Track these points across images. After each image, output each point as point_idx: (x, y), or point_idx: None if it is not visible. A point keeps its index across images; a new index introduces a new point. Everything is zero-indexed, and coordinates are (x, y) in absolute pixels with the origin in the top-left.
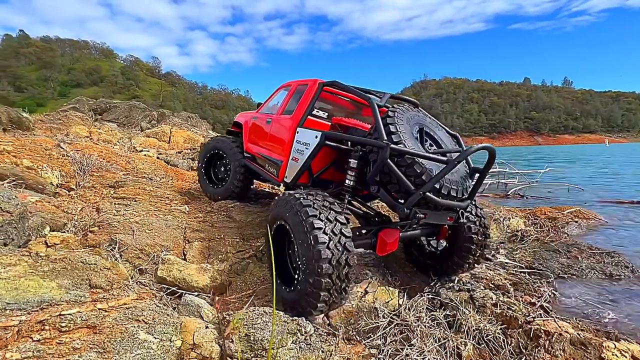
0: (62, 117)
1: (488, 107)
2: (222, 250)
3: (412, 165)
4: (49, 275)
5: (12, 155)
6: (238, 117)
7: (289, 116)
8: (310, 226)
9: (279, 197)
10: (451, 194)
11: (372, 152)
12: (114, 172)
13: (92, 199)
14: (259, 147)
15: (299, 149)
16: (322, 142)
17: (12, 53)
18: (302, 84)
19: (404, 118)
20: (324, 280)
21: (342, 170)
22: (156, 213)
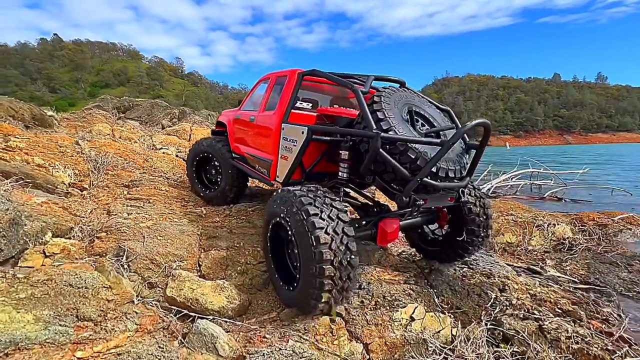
0: (87, 115)
1: (514, 104)
2: (241, 260)
3: (406, 152)
4: (25, 305)
5: (23, 153)
6: (221, 116)
7: (272, 112)
8: (311, 226)
9: (277, 194)
10: (449, 175)
11: (363, 142)
12: (130, 170)
13: (105, 199)
14: (246, 147)
15: (287, 147)
16: (310, 137)
17: (47, 56)
18: (280, 75)
19: (391, 101)
20: (325, 282)
21: (335, 161)
22: (170, 216)
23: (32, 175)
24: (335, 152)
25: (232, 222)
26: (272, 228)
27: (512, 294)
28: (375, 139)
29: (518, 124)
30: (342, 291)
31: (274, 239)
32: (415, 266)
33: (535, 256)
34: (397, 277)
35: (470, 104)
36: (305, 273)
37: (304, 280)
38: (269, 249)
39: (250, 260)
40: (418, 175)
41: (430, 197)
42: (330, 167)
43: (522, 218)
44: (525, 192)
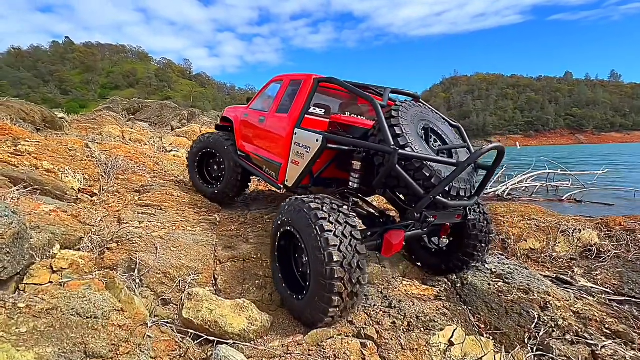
0: (97, 117)
1: (524, 103)
2: (259, 273)
3: (421, 169)
4: (26, 340)
5: (32, 157)
6: (226, 111)
7: (284, 114)
8: (320, 229)
9: (286, 203)
10: (460, 194)
11: (377, 155)
12: (140, 174)
13: (115, 205)
14: (254, 147)
15: (299, 152)
16: (324, 146)
17: (59, 58)
18: (295, 79)
19: (408, 117)
20: (335, 283)
21: (343, 168)
22: (183, 224)
23: (40, 181)
24: (345, 160)
25: (248, 230)
26: (281, 235)
27: (556, 313)
28: (393, 155)
29: (528, 124)
30: (352, 295)
31: (282, 247)
32: (444, 278)
33: (561, 264)
34: (426, 291)
35: (479, 103)
36: (314, 287)
37: (312, 293)
38: (276, 257)
39: (268, 273)
40: (431, 193)
41: (439, 214)
42: (338, 174)
43: (545, 223)
44: (542, 194)
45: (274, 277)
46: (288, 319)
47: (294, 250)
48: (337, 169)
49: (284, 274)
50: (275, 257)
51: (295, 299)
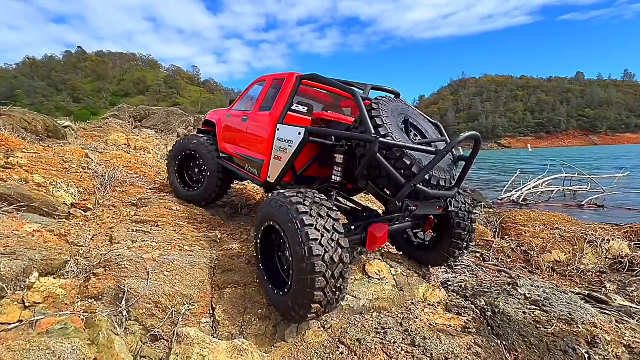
0: (103, 125)
1: (535, 105)
2: (262, 301)
3: (402, 158)
4: None
5: (23, 170)
6: (209, 115)
7: (267, 112)
8: (300, 223)
9: (268, 198)
10: (440, 184)
11: (359, 147)
12: (139, 186)
13: (109, 221)
14: (236, 147)
15: (281, 147)
16: (307, 139)
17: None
18: (278, 78)
19: (389, 109)
20: (317, 278)
21: (326, 165)
22: (180, 243)
23: (29, 196)
24: (327, 157)
25: (251, 249)
26: (264, 230)
27: (607, 349)
28: (374, 143)
29: (539, 125)
30: (335, 290)
31: (265, 241)
32: (471, 304)
33: (590, 278)
34: (452, 321)
35: (489, 105)
36: (296, 282)
37: (294, 289)
38: (259, 250)
39: None
40: (412, 181)
41: (420, 205)
42: (321, 172)
43: (569, 232)
44: (559, 199)
45: (259, 273)
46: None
47: (277, 247)
48: (319, 167)
49: (268, 271)
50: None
51: (280, 295)
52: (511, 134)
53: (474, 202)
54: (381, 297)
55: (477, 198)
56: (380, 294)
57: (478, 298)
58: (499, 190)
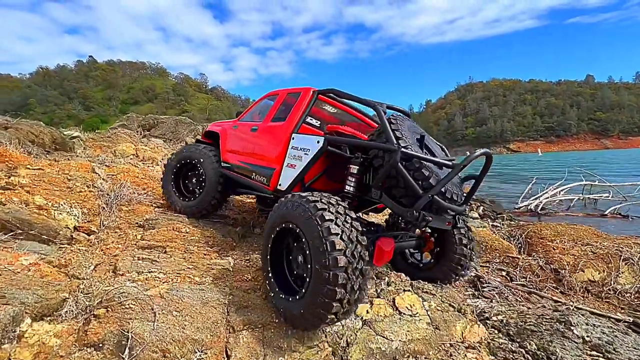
0: (112, 135)
1: (544, 108)
2: (283, 345)
3: (420, 169)
4: None
5: (24, 191)
6: (211, 126)
7: (280, 123)
8: (326, 231)
9: (287, 198)
10: (453, 198)
11: (378, 157)
12: (147, 204)
13: (113, 247)
14: (242, 156)
15: (296, 155)
16: (325, 147)
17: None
18: (292, 92)
19: (405, 126)
20: (338, 290)
21: (334, 179)
22: (190, 274)
23: (28, 221)
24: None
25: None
26: (277, 234)
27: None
28: (396, 152)
29: (549, 129)
30: (351, 302)
31: (275, 247)
32: (519, 347)
33: (630, 300)
34: None
35: (496, 109)
36: (316, 281)
37: (313, 288)
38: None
39: (295, 343)
40: (431, 191)
41: (433, 217)
42: (329, 185)
43: (602, 248)
44: (579, 208)
45: (266, 279)
46: None
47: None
48: (327, 180)
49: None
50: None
51: (290, 301)
52: (520, 138)
53: (493, 213)
54: (416, 338)
55: (497, 210)
56: (414, 334)
57: (527, 340)
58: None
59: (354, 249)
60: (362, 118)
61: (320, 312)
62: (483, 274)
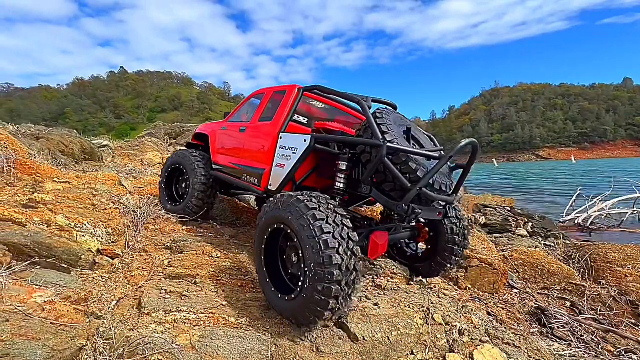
0: (139, 144)
1: (576, 113)
2: None
3: (407, 163)
4: None
5: (48, 209)
6: (200, 128)
7: (268, 122)
8: (319, 230)
9: (277, 198)
10: (442, 189)
11: (365, 153)
12: (174, 222)
13: (139, 275)
14: (232, 157)
15: (284, 155)
16: (312, 146)
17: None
18: (278, 90)
19: (391, 119)
20: (333, 287)
21: (324, 176)
22: (225, 312)
23: (48, 245)
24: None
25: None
26: (270, 233)
27: None
28: (382, 147)
29: (582, 135)
30: (347, 298)
31: (269, 246)
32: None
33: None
34: None
35: (524, 115)
36: (312, 279)
37: (310, 287)
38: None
39: None
40: (419, 184)
41: (423, 209)
42: (320, 182)
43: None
44: (632, 223)
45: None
46: None
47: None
48: (318, 177)
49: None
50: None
51: (286, 300)
52: (550, 144)
53: (543, 230)
54: None
55: (548, 227)
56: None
57: None
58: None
59: (347, 246)
60: (351, 113)
61: (317, 309)
62: (545, 305)
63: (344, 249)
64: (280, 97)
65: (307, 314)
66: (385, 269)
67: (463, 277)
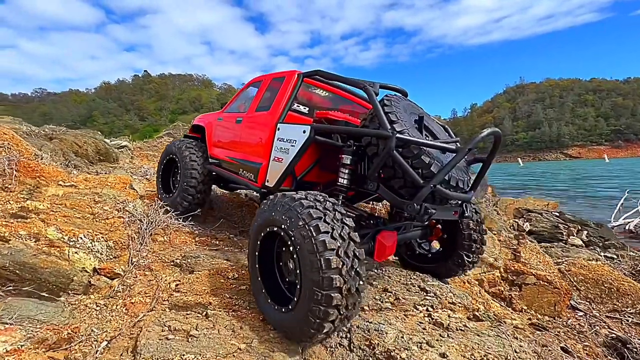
0: (158, 144)
1: (609, 109)
2: None
3: (420, 156)
4: None
5: (39, 220)
6: (197, 119)
7: (265, 112)
8: (321, 245)
9: (275, 198)
10: (459, 185)
11: (371, 145)
12: (186, 232)
13: (139, 302)
14: (228, 151)
15: (282, 148)
16: (312, 137)
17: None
18: (277, 77)
19: (401, 107)
20: (333, 294)
21: (328, 170)
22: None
23: (32, 266)
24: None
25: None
26: (264, 237)
27: None
28: (391, 139)
29: (616, 132)
30: (349, 307)
31: (264, 250)
32: None
33: None
34: None
35: (552, 112)
36: (308, 299)
37: (305, 306)
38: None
39: None
40: (432, 181)
41: (437, 208)
42: (322, 177)
43: None
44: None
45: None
46: None
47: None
48: (321, 171)
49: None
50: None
51: (282, 312)
52: (580, 142)
53: (600, 239)
54: None
55: (606, 235)
56: None
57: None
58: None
59: (347, 248)
60: (357, 101)
61: (318, 322)
62: (623, 334)
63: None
64: (278, 85)
65: (301, 333)
66: (441, 297)
67: (517, 296)
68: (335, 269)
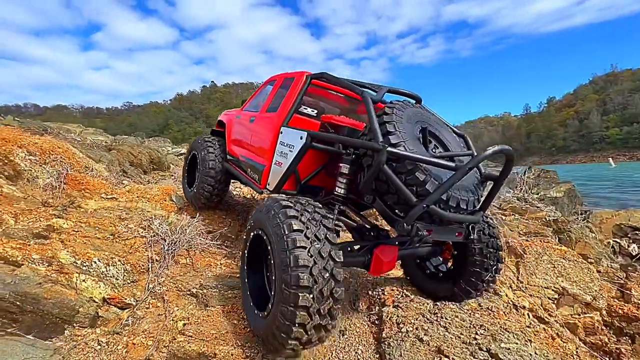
0: None
1: None
2: None
3: (414, 172)
4: None
5: (58, 241)
6: (222, 115)
7: (273, 114)
8: (292, 243)
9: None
10: (460, 206)
11: (366, 156)
12: (213, 251)
13: (140, 345)
14: (242, 150)
15: (282, 152)
16: (308, 144)
17: (206, 99)
18: (288, 77)
19: (404, 115)
20: (301, 293)
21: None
22: None
23: (34, 296)
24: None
25: None
26: (252, 240)
27: None
28: (381, 152)
29: None
30: (318, 328)
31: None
32: None
33: None
34: None
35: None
36: (278, 299)
37: (275, 306)
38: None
39: None
40: (425, 201)
41: (435, 229)
42: (328, 182)
43: None
44: None
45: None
46: None
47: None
48: (327, 177)
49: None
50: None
51: (259, 317)
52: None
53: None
54: None
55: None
56: None
57: None
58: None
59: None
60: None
61: (282, 336)
62: None
63: (319, 269)
64: (288, 85)
65: (272, 338)
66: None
67: (629, 352)
68: (303, 267)
